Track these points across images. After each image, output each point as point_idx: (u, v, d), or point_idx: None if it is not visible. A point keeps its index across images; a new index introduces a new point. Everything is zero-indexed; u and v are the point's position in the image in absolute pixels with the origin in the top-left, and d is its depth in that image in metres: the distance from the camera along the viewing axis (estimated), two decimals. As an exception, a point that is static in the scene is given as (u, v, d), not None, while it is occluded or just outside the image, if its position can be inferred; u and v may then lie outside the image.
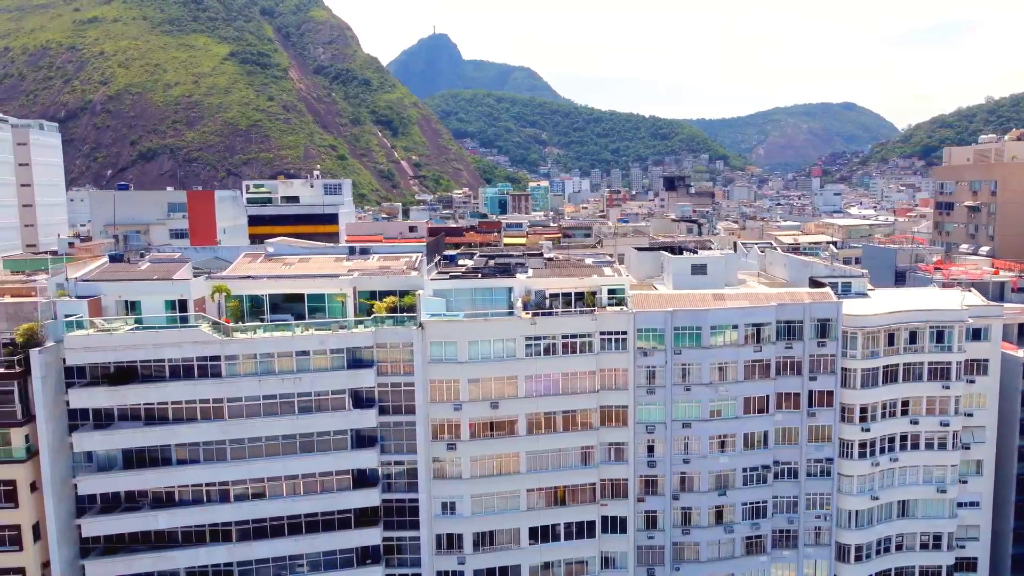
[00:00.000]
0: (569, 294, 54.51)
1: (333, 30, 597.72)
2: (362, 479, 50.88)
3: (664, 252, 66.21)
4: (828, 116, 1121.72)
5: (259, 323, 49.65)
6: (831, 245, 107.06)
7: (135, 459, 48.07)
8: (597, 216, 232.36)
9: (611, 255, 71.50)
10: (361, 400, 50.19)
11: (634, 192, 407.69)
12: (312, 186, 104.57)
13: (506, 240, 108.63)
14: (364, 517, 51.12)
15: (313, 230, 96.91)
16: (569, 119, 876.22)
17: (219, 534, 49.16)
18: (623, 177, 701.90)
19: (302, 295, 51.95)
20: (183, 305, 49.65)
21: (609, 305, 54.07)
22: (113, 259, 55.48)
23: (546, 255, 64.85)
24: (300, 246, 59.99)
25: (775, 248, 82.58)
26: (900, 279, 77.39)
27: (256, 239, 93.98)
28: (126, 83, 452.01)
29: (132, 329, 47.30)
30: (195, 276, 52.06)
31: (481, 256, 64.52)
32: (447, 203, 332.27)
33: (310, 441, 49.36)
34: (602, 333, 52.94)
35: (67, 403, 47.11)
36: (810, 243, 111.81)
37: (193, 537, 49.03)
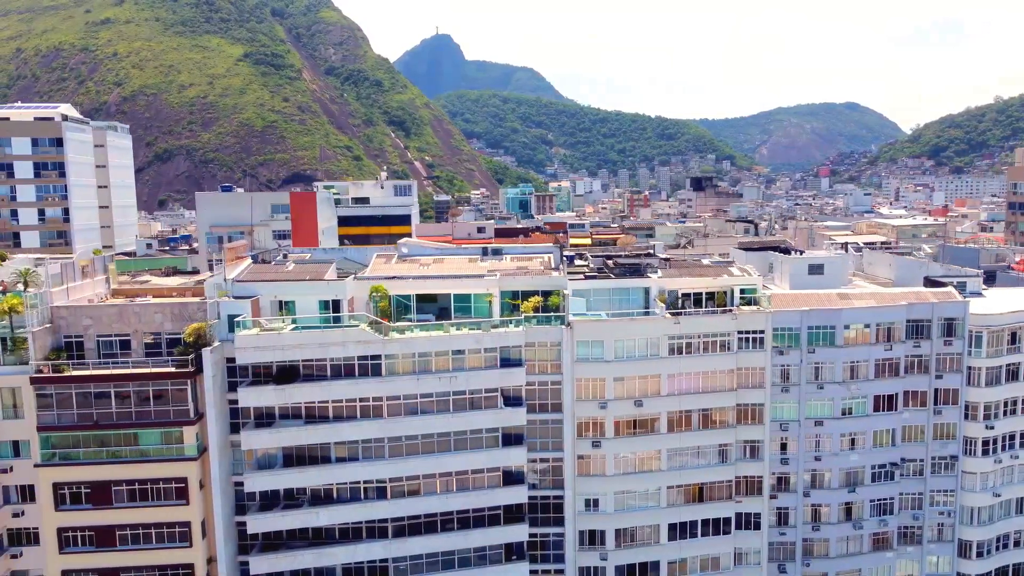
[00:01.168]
0: (700, 294, 55.44)
1: (343, 31, 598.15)
2: (509, 476, 51.68)
3: (772, 252, 67.04)
4: (831, 116, 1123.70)
5: (416, 323, 50.39)
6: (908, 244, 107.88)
7: (294, 457, 48.90)
8: (619, 216, 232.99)
9: (713, 255, 72.31)
10: (508, 398, 50.99)
11: (646, 192, 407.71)
12: (382, 187, 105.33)
13: (572, 240, 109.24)
14: (509, 514, 51.95)
15: (387, 231, 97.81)
16: (575, 119, 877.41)
17: (375, 531, 49.97)
18: (630, 177, 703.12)
19: (437, 295, 52.78)
20: (336, 305, 50.42)
21: (741, 305, 54.90)
22: (255, 260, 56.21)
23: (661, 256, 65.65)
24: (431, 247, 60.75)
25: (860, 248, 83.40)
26: (990, 279, 78.14)
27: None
28: (140, 84, 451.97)
29: (294, 329, 48.08)
30: (339, 277, 52.84)
31: (595, 256, 65.26)
32: (465, 203, 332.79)
33: (463, 439, 50.15)
34: (739, 332, 53.75)
35: (229, 402, 48.11)
36: (865, 243, 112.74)
37: (350, 534, 49.89)
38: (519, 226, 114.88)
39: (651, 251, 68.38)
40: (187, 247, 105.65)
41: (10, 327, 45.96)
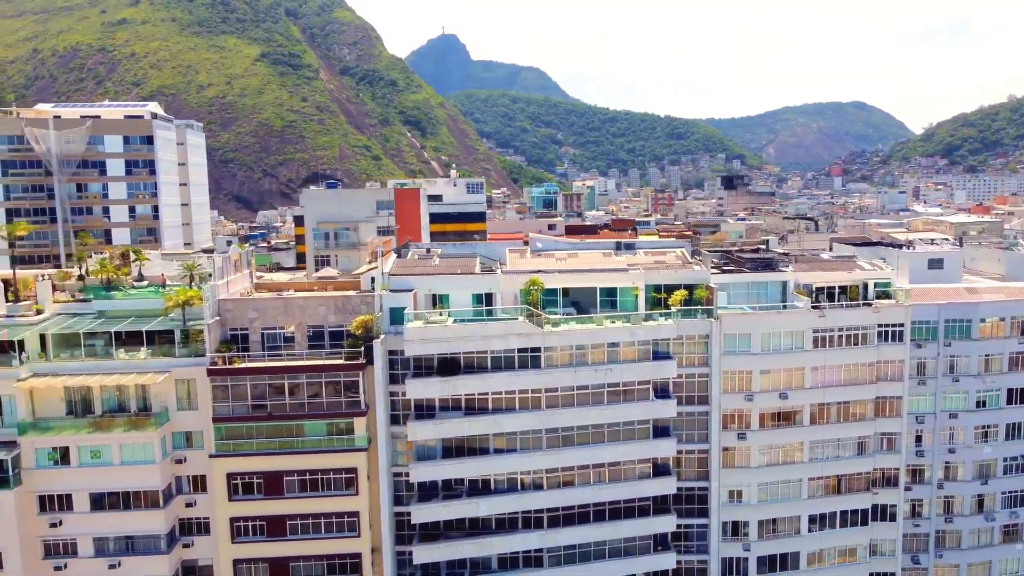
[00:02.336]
0: (833, 287, 56.06)
1: (357, 31, 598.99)
2: (657, 468, 52.27)
3: (886, 247, 67.57)
4: (838, 115, 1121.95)
5: (570, 316, 50.94)
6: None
7: (453, 449, 49.53)
8: (643, 215, 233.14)
9: (816, 251, 72.81)
10: (657, 391, 51.59)
11: (669, 191, 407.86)
12: (455, 185, 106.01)
13: (640, 237, 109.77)
14: (656, 505, 52.53)
15: (463, 228, 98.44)
16: (584, 119, 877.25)
17: (531, 521, 50.60)
18: (641, 176, 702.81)
19: (569, 289, 53.27)
20: (489, 299, 51.02)
21: (876, 299, 55.46)
22: (399, 255, 56.87)
23: (777, 251, 66.20)
24: (563, 242, 61.32)
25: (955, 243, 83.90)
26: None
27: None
28: (159, 84, 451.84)
29: (456, 321, 48.70)
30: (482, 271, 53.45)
31: (710, 251, 65.74)
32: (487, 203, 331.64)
33: (615, 431, 50.77)
34: (879, 325, 54.29)
35: (390, 393, 48.74)
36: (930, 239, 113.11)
37: (506, 524, 50.53)
38: (588, 224, 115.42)
39: (764, 247, 68.84)
40: (265, 244, 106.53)
41: (183, 320, 46.61)
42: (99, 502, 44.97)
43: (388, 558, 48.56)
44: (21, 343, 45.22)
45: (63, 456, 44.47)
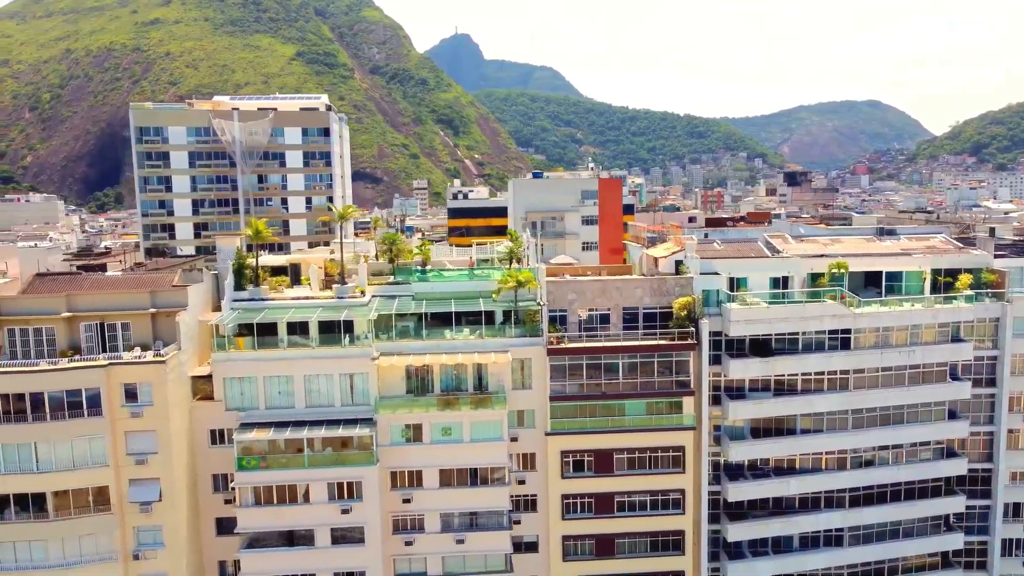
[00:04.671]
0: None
1: (386, 30, 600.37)
2: (948, 450, 53.13)
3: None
4: (853, 114, 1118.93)
5: (873, 299, 51.74)
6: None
7: (761, 429, 50.37)
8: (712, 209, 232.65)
9: None
10: (951, 373, 52.39)
11: (719, 189, 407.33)
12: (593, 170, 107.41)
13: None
14: (945, 486, 53.38)
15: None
16: (604, 118, 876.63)
17: (832, 500, 51.41)
18: (663, 175, 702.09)
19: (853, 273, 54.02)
20: (786, 282, 51.78)
21: None
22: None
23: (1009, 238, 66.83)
24: (824, 230, 62.08)
25: None
26: None
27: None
28: (196, 83, 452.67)
29: (772, 303, 49.51)
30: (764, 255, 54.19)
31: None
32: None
33: (913, 412, 51.57)
34: None
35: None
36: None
37: (809, 503, 51.36)
38: (725, 216, 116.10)
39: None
40: (421, 234, 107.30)
41: (514, 301, 47.47)
42: (446, 478, 45.87)
43: (704, 535, 49.38)
44: (350, 324, 46.16)
45: (415, 433, 45.36)
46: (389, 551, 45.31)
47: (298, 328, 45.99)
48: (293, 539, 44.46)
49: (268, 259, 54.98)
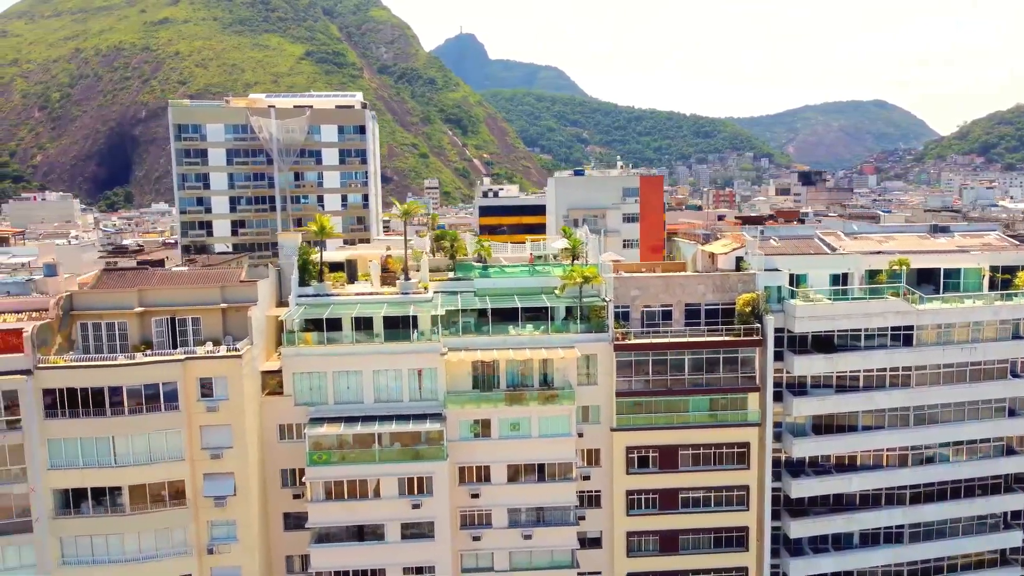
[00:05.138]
0: None
1: (394, 30, 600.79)
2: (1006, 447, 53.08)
3: None
4: (858, 114, 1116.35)
5: (934, 296, 51.65)
6: None
7: (822, 426, 50.34)
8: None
9: None
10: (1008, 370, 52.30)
11: (731, 188, 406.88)
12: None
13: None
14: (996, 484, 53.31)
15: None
16: (609, 117, 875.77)
17: (893, 497, 51.35)
18: (669, 175, 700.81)
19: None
20: (845, 279, 51.74)
21: None
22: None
23: None
24: (876, 227, 62.03)
25: None
26: None
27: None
28: (206, 83, 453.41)
29: (835, 300, 49.47)
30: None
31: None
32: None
33: (974, 409, 51.51)
34: None
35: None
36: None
37: (869, 500, 51.29)
38: (755, 215, 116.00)
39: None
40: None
41: (579, 297, 47.48)
42: (513, 474, 45.89)
43: (767, 531, 49.34)
44: (414, 319, 46.18)
45: (483, 428, 45.40)
46: (456, 546, 45.35)
47: (362, 323, 46.07)
48: (362, 534, 44.49)
49: (326, 255, 54.97)
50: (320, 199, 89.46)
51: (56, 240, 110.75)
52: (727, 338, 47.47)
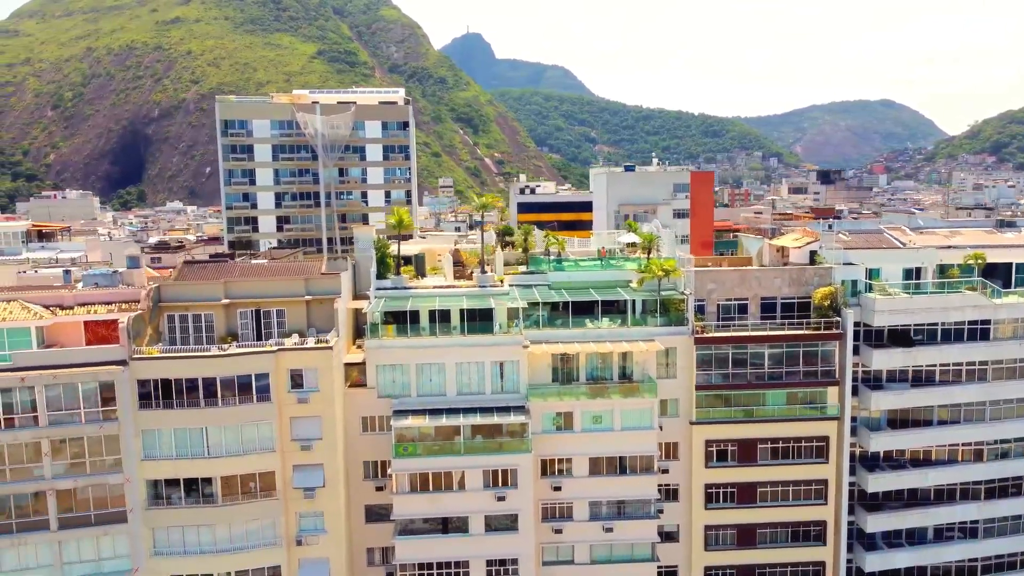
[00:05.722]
0: None
1: (404, 29, 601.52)
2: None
3: None
4: (866, 113, 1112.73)
5: (1010, 290, 51.51)
6: None
7: (897, 420, 50.18)
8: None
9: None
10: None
11: (746, 187, 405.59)
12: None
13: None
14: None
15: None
16: (618, 117, 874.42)
17: (968, 492, 51.20)
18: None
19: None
20: (918, 273, 51.59)
21: None
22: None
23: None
24: (941, 221, 61.81)
25: None
26: None
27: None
28: (218, 82, 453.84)
29: (912, 294, 49.35)
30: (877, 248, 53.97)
31: None
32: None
33: (1044, 404, 51.31)
34: None
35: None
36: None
37: (944, 495, 51.14)
38: (790, 212, 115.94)
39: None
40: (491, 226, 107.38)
41: (658, 290, 47.43)
42: (595, 467, 45.85)
43: (843, 526, 49.22)
44: (491, 312, 46.13)
45: (565, 421, 45.37)
46: (538, 539, 45.30)
47: (438, 316, 46.04)
48: (446, 527, 44.46)
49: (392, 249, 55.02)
50: (364, 195, 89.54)
51: (90, 236, 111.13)
52: (808, 331, 47.35)
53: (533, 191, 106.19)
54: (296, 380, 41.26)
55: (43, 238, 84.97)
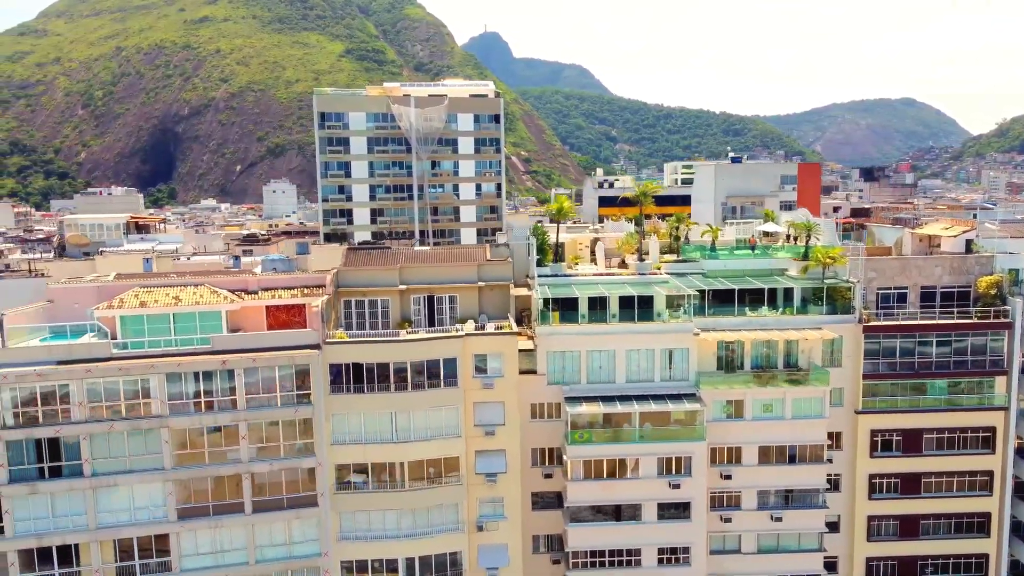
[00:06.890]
0: None
1: (429, 27, 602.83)
2: None
3: None
4: (887, 112, 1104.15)
5: None
6: None
7: None
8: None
9: None
10: None
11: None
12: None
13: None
14: None
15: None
16: (638, 116, 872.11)
17: None
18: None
19: None
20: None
21: None
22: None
23: None
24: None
25: None
26: None
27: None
28: (247, 80, 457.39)
29: (1075, 283, 48.67)
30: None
31: None
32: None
33: None
34: None
35: None
36: None
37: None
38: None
39: None
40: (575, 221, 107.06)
41: (822, 278, 47.04)
42: (764, 455, 45.50)
43: (1006, 517, 48.63)
44: (650, 299, 45.85)
45: (736, 409, 45.07)
46: (707, 528, 45.01)
47: (597, 304, 45.81)
48: (619, 514, 44.26)
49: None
50: (455, 188, 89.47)
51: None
52: (976, 320, 46.79)
53: (611, 185, 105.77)
54: (479, 366, 41.18)
55: (140, 230, 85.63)
